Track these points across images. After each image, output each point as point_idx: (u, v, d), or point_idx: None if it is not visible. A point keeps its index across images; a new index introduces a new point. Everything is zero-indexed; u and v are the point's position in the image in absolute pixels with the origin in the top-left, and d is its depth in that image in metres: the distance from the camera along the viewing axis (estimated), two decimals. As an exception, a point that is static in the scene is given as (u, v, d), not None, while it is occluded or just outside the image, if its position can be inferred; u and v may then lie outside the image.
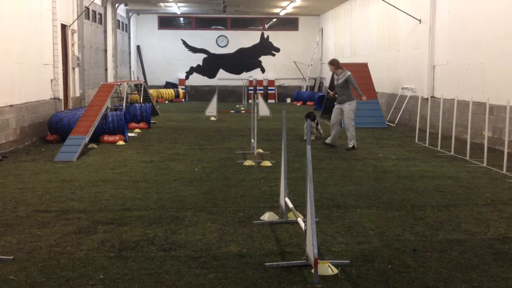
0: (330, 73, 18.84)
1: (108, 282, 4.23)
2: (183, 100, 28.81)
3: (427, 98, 14.44)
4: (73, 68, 16.37)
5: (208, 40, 29.75)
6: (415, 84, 16.09)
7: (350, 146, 11.19)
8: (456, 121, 10.89)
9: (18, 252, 4.91)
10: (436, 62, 14.76)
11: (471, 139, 10.26)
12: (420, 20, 15.57)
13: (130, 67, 27.55)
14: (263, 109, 18.30)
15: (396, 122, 16.62)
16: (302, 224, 4.96)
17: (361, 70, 17.56)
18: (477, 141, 11.74)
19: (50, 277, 4.32)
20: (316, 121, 12.65)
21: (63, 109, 14.63)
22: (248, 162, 9.51)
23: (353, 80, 11.19)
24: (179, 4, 25.60)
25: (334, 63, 11.51)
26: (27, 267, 4.53)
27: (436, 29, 14.74)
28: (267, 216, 6.01)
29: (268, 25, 30.38)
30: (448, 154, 10.56)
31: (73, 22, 16.18)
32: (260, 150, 10.78)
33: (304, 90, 28.73)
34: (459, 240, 5.32)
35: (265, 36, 29.89)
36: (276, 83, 29.73)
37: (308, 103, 25.71)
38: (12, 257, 4.73)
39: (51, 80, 14.16)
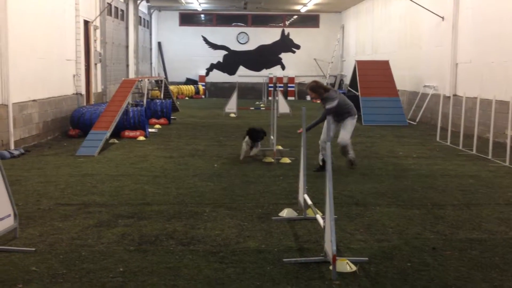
0: (351, 70, 18.79)
1: (128, 275, 4.28)
2: (203, 96, 28.92)
3: (449, 96, 14.27)
4: (95, 64, 16.53)
5: (228, 36, 29.79)
6: (437, 82, 15.92)
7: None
8: (478, 119, 10.74)
9: (40, 244, 4.99)
10: (458, 60, 14.58)
11: (493, 138, 10.12)
12: (443, 18, 15.40)
13: (151, 63, 27.75)
14: (283, 106, 18.28)
15: (417, 120, 16.47)
16: (321, 221, 4.95)
17: (382, 67, 17.46)
18: (500, 140, 11.58)
19: (71, 269, 4.38)
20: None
21: (85, 104, 14.79)
22: (267, 159, 9.51)
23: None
24: (200, 1, 25.68)
25: (315, 90, 8.35)
26: (49, 259, 4.60)
27: (459, 27, 14.56)
28: (286, 213, 6.01)
29: (288, 22, 30.31)
30: (470, 153, 10.43)
31: (95, 18, 16.34)
32: (280, 147, 10.77)
33: (325, 87, 28.58)
34: (479, 239, 5.26)
35: (286, 33, 29.83)
36: (296, 80, 29.66)
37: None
38: (34, 249, 4.81)
39: (74, 76, 14.33)
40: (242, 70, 29.90)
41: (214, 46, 29.83)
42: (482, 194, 7.16)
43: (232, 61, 29.86)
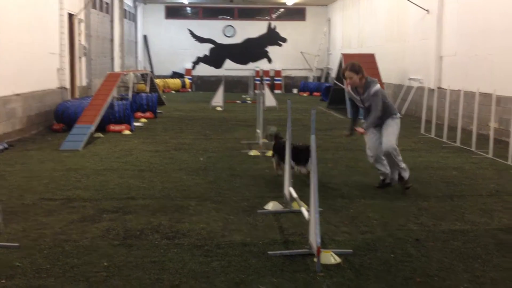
0: (337, 63, 18.81)
1: (112, 269, 4.27)
2: (189, 90, 28.81)
3: (434, 89, 14.35)
4: (80, 58, 16.40)
5: (215, 30, 29.68)
6: (422, 75, 16.01)
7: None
8: (462, 112, 10.83)
9: (24, 239, 4.96)
10: (443, 52, 14.67)
11: (477, 130, 10.22)
12: (428, 11, 15.47)
13: (136, 57, 27.57)
14: (270, 100, 18.27)
15: (402, 113, 16.55)
16: (306, 214, 4.98)
17: (368, 61, 17.46)
18: (483, 132, 11.69)
19: (55, 264, 4.36)
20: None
21: (69, 98, 14.68)
22: (253, 152, 9.52)
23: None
24: (186, -6, 25.54)
25: (359, 70, 6.70)
26: (33, 254, 4.57)
27: (444, 20, 14.64)
28: (271, 206, 6.02)
29: (275, 15, 30.26)
30: (454, 145, 10.52)
31: (80, 11, 16.19)
32: (266, 140, 10.77)
33: (311, 80, 28.65)
34: (462, 230, 5.32)
35: (272, 26, 29.79)
36: (283, 74, 29.65)
37: (315, 93, 25.68)
38: (18, 244, 4.77)
39: (58, 69, 14.20)
40: (228, 63, 29.82)
41: (201, 39, 29.70)
42: (465, 185, 7.23)
43: (218, 54, 29.76)
